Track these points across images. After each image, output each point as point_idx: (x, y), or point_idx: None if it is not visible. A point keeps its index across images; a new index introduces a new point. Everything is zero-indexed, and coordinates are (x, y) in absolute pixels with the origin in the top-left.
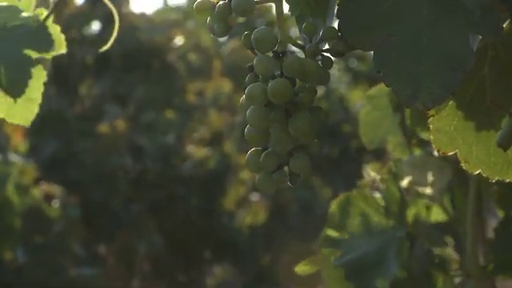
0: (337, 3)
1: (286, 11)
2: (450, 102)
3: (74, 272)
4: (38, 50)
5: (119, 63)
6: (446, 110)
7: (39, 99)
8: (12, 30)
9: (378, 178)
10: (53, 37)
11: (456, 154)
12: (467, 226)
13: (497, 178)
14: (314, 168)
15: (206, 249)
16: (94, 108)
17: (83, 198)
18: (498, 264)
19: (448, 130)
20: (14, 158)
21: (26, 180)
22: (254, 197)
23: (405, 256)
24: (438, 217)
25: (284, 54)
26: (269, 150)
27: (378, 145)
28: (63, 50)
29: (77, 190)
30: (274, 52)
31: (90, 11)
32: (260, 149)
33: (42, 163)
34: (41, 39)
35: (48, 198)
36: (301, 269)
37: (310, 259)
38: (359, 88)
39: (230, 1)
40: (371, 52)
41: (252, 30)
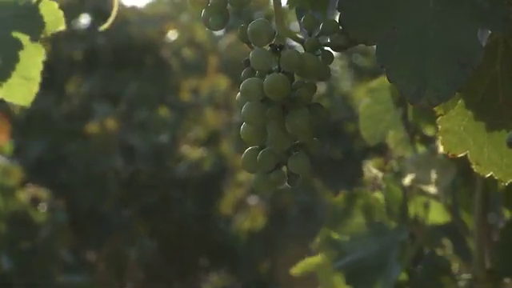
0: None
1: (285, 3)
2: (460, 101)
3: (61, 279)
4: (27, 32)
5: (109, 59)
6: (455, 109)
7: (38, 78)
8: (2, 11)
9: (380, 175)
10: (43, 19)
11: (466, 154)
12: (473, 227)
13: (510, 180)
14: (314, 169)
15: (202, 255)
16: (82, 107)
17: (71, 202)
18: (504, 267)
19: (457, 131)
20: None
21: (11, 183)
22: (252, 200)
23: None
24: (437, 216)
25: (282, 47)
26: (266, 149)
27: (379, 140)
28: (62, 26)
29: (65, 193)
30: (271, 45)
31: (79, 4)
32: (257, 147)
33: (28, 165)
34: (31, 21)
35: (34, 201)
36: (297, 271)
37: (306, 261)
38: (363, 85)
39: None
40: (374, 46)
41: (249, 22)
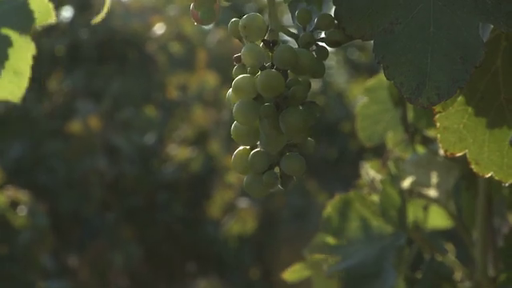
0: None
1: None
2: (459, 98)
3: (42, 286)
4: (17, 26)
5: (92, 54)
6: (454, 106)
7: (28, 73)
8: None
9: (378, 177)
10: (34, 13)
11: (465, 154)
12: (476, 232)
13: (510, 181)
14: (308, 170)
15: (190, 260)
16: (64, 105)
17: (53, 205)
18: (509, 275)
19: (457, 129)
20: None
21: None
22: (243, 203)
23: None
24: (437, 220)
25: (275, 43)
26: (258, 149)
27: (376, 141)
28: (52, 19)
29: (46, 196)
30: (263, 41)
31: None
32: (248, 148)
33: (7, 166)
34: (21, 15)
35: (14, 204)
36: (289, 276)
37: (299, 265)
38: (360, 82)
39: None
40: (372, 42)
41: (240, 16)
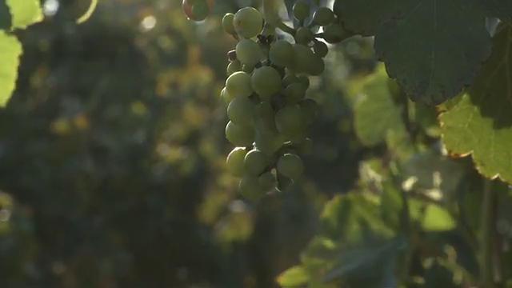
0: None
1: None
2: (464, 96)
3: None
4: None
5: (79, 50)
6: (459, 104)
7: (14, 75)
8: None
9: (378, 178)
10: (10, 10)
11: (470, 155)
12: (481, 235)
13: None
14: (306, 172)
15: (181, 267)
16: (49, 103)
17: (37, 209)
18: None
19: (461, 128)
20: None
21: None
22: (237, 207)
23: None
24: (440, 224)
25: (271, 38)
26: (254, 150)
27: (376, 140)
28: (38, 17)
29: (29, 200)
30: (259, 36)
31: None
32: (244, 149)
33: None
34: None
35: None
36: (285, 281)
37: (295, 270)
38: (361, 78)
39: None
40: (373, 37)
41: (234, 10)
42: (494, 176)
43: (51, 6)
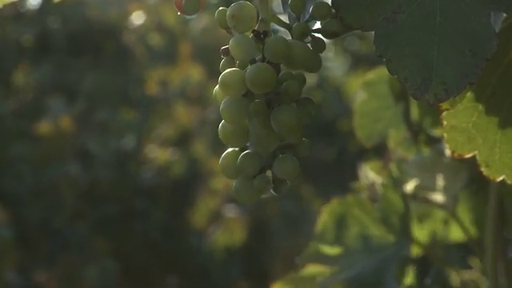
0: None
1: None
2: (468, 94)
3: None
4: None
5: (64, 46)
6: (463, 103)
7: None
8: None
9: (378, 180)
10: None
11: (474, 156)
12: (486, 241)
13: None
14: (303, 174)
15: (171, 275)
16: (32, 102)
17: (18, 215)
18: None
19: (465, 128)
20: None
21: None
22: (230, 211)
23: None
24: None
25: (266, 34)
26: (248, 151)
27: (376, 141)
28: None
29: (11, 205)
30: (254, 32)
31: None
32: (237, 149)
33: None
34: None
35: None
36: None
37: (291, 277)
38: (361, 75)
39: None
40: (372, 32)
41: (228, 4)
42: (500, 178)
43: (34, 0)
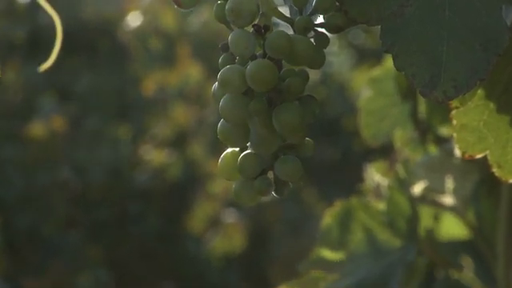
0: None
1: None
2: (479, 91)
3: None
4: None
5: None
6: (473, 101)
7: None
8: None
9: (384, 182)
10: None
11: (486, 156)
12: (497, 245)
13: None
14: (306, 176)
15: (167, 283)
16: (23, 102)
17: (7, 221)
18: None
19: (476, 127)
20: None
21: None
22: (229, 216)
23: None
24: (453, 232)
25: (267, 28)
26: (248, 152)
27: (382, 140)
28: None
29: None
30: (254, 26)
31: None
32: (237, 150)
33: None
34: None
35: None
36: None
37: (292, 283)
38: (366, 70)
39: None
40: (379, 27)
41: None
42: None
43: None
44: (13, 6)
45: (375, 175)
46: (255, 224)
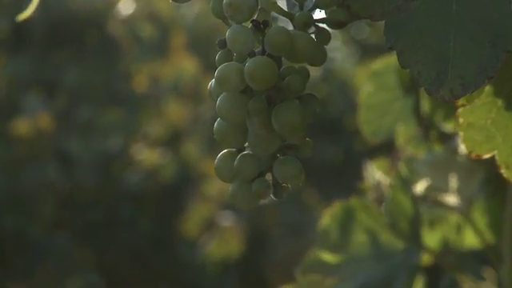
0: None
1: None
2: (487, 88)
3: None
4: None
5: (43, 36)
6: (480, 98)
7: None
8: None
9: (386, 181)
10: None
11: (493, 156)
12: (503, 249)
13: None
14: (306, 177)
15: None
16: (7, 98)
17: None
18: None
19: (483, 126)
20: None
21: None
22: (225, 219)
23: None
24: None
25: (266, 24)
26: (246, 152)
27: (383, 137)
28: None
29: None
30: (253, 22)
31: None
32: (234, 150)
33: None
34: None
35: None
36: None
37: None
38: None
39: None
40: (383, 22)
41: None
42: None
43: None
44: None
45: (376, 174)
46: (253, 227)
